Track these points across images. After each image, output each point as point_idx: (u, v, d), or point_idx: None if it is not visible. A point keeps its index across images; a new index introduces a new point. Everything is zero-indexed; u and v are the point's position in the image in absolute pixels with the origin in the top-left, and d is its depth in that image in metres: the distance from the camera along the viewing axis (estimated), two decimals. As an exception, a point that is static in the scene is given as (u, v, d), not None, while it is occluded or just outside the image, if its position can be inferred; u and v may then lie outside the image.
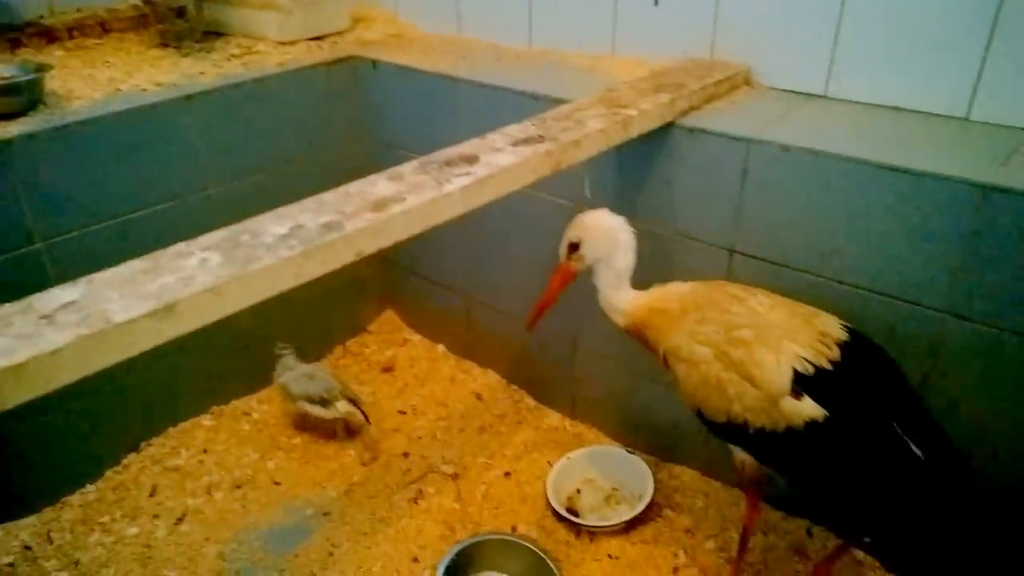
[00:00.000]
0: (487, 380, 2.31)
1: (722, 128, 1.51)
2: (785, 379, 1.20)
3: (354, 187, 1.14)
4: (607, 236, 1.43)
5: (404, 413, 2.19)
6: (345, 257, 1.02)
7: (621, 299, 1.45)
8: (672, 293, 1.41)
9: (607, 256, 1.43)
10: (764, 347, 1.23)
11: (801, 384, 1.20)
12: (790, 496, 1.73)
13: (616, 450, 1.99)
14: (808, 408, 1.18)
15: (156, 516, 1.86)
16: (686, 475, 1.92)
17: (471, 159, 1.20)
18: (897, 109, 1.55)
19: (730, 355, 1.25)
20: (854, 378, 1.21)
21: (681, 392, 1.36)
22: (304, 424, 2.12)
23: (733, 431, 1.28)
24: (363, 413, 2.04)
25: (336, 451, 2.06)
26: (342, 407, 2.00)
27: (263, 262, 0.97)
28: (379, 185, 1.14)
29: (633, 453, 1.94)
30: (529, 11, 2.09)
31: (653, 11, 1.83)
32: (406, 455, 2.03)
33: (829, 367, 1.20)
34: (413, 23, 2.39)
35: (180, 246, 1.00)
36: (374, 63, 2.12)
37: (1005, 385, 1.32)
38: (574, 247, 1.45)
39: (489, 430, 2.12)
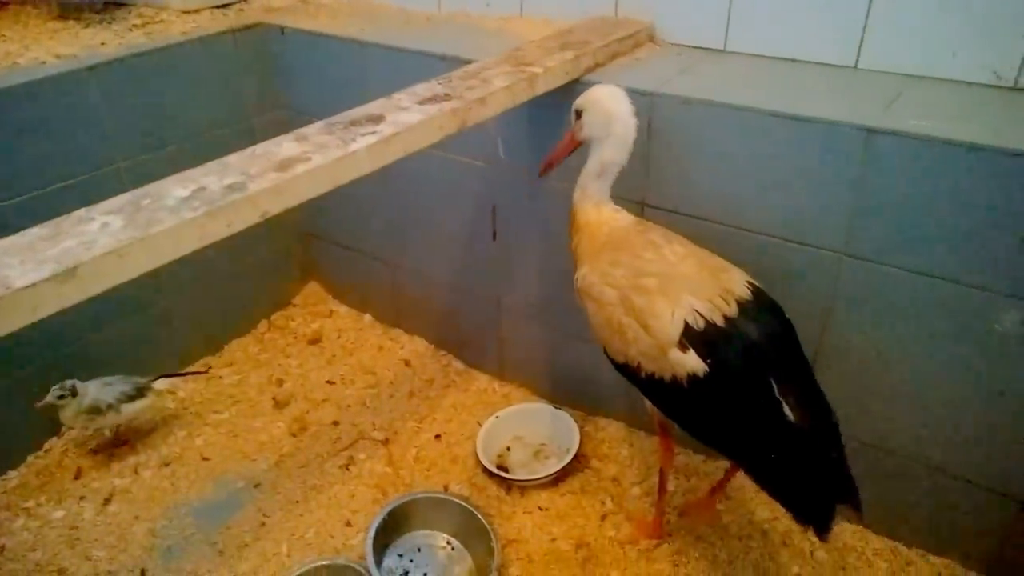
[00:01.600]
0: (415, 347, 2.33)
1: (626, 83, 1.54)
2: (675, 331, 1.24)
3: (260, 148, 1.14)
4: (604, 117, 1.39)
5: (332, 383, 2.19)
6: (250, 217, 1.02)
7: (593, 191, 1.44)
8: (614, 220, 1.43)
9: (600, 138, 1.40)
10: (663, 298, 1.27)
11: (691, 337, 1.23)
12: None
13: (544, 407, 2.04)
14: (691, 361, 1.23)
15: (82, 498, 1.82)
16: (611, 427, 1.99)
17: (377, 118, 1.21)
18: (791, 60, 1.62)
19: (632, 301, 1.29)
20: (742, 336, 1.24)
21: (591, 328, 1.41)
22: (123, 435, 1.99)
23: (630, 373, 1.34)
24: (190, 374, 2.04)
25: (265, 424, 2.05)
26: (161, 384, 1.97)
27: (165, 224, 0.96)
28: (284, 146, 1.14)
29: (560, 409, 2.00)
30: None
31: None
32: (336, 424, 2.04)
33: (722, 323, 1.24)
34: (321, -12, 2.36)
35: (81, 212, 0.99)
36: (282, 29, 2.08)
37: (896, 319, 1.42)
38: (578, 114, 1.43)
39: (418, 395, 2.14)
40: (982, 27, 1.38)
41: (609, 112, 1.38)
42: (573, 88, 1.58)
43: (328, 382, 2.20)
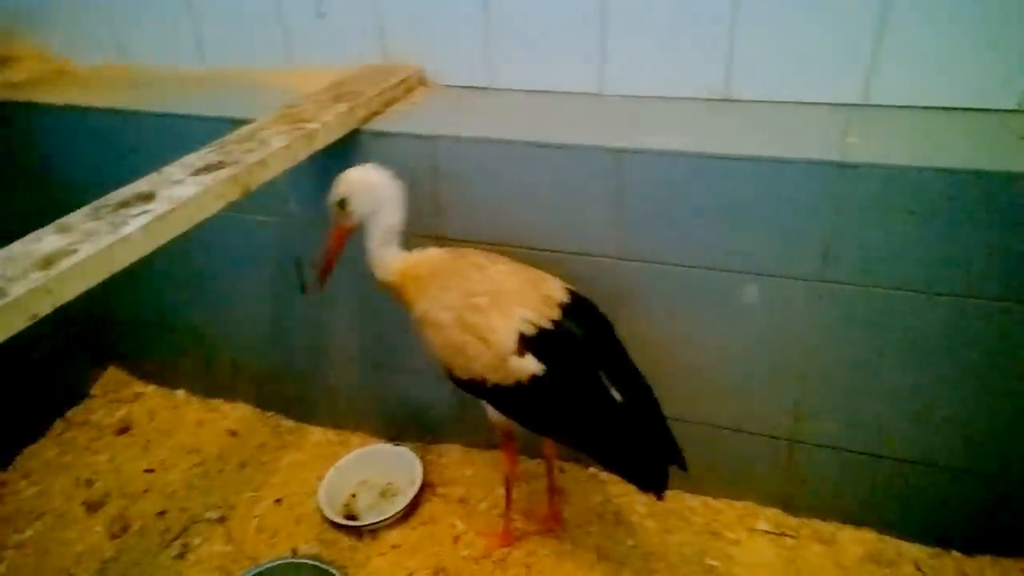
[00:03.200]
0: (239, 414, 2.23)
1: (406, 129, 1.62)
2: (512, 340, 1.36)
3: (16, 248, 1.06)
4: (373, 192, 1.45)
5: (152, 471, 2.05)
6: (17, 323, 0.95)
7: (388, 257, 1.50)
8: (425, 259, 1.50)
9: (375, 212, 1.46)
10: (497, 312, 1.39)
11: (526, 343, 1.36)
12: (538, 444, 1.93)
13: (383, 447, 2.05)
14: (530, 364, 1.36)
15: None
16: (452, 452, 2.05)
17: (147, 196, 1.17)
18: (550, 92, 1.78)
19: (468, 320, 1.39)
20: (569, 335, 1.39)
21: (433, 354, 1.48)
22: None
23: (476, 387, 1.43)
24: None
25: (80, 532, 1.87)
26: None
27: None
28: (46, 240, 1.07)
29: (400, 445, 2.02)
30: (197, 30, 2.03)
31: (322, 22, 1.88)
32: (162, 514, 1.91)
33: (551, 326, 1.38)
34: (69, 58, 2.20)
35: None
36: (29, 106, 1.92)
37: (672, 307, 1.62)
38: (342, 204, 1.47)
39: (251, 463, 2.06)
40: (694, 50, 1.61)
41: (374, 186, 1.46)
42: (355, 136, 1.63)
43: (147, 471, 2.05)
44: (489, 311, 1.39)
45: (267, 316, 2.05)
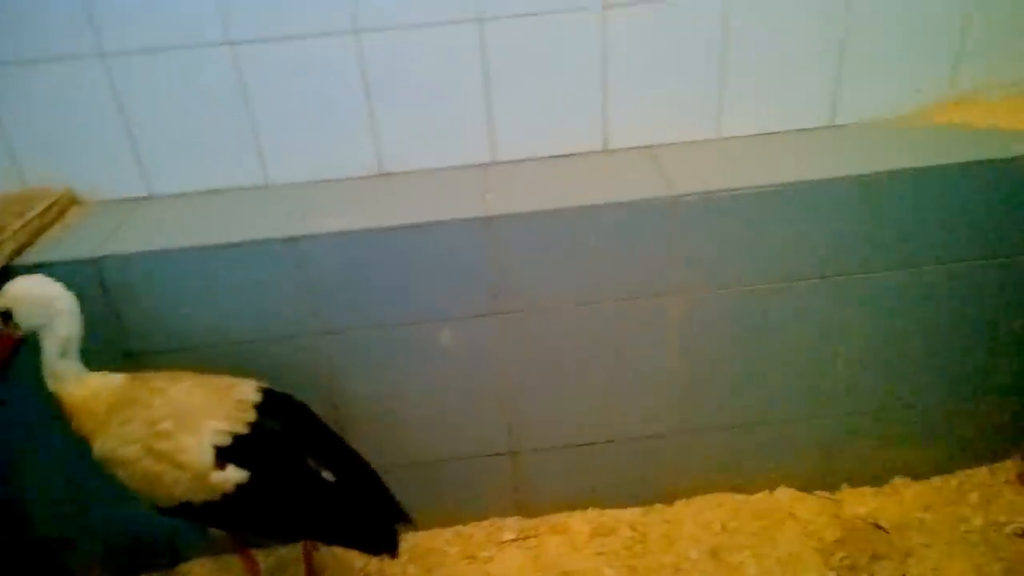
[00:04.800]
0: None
1: (64, 256, 1.56)
2: (208, 456, 1.36)
3: None
4: (40, 305, 1.37)
5: None
6: None
7: (65, 372, 1.41)
8: (104, 389, 1.42)
9: (45, 324, 1.37)
10: (185, 433, 1.37)
11: (225, 454, 1.36)
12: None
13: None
14: (232, 474, 1.36)
15: None
16: (196, 568, 1.95)
17: None
18: (215, 191, 1.80)
19: (157, 448, 1.36)
20: (269, 433, 1.42)
21: (131, 490, 1.41)
22: None
23: (185, 511, 1.40)
24: None
25: None
26: None
27: None
28: None
29: (138, 581, 1.89)
30: None
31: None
32: None
33: (247, 431, 1.39)
34: None
35: None
36: None
37: (382, 369, 1.74)
38: (5, 317, 1.36)
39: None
40: (345, 133, 1.76)
41: (42, 299, 1.39)
42: (6, 275, 1.51)
43: None
44: (178, 433, 1.37)
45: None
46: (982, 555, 1.74)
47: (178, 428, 1.37)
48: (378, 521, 1.51)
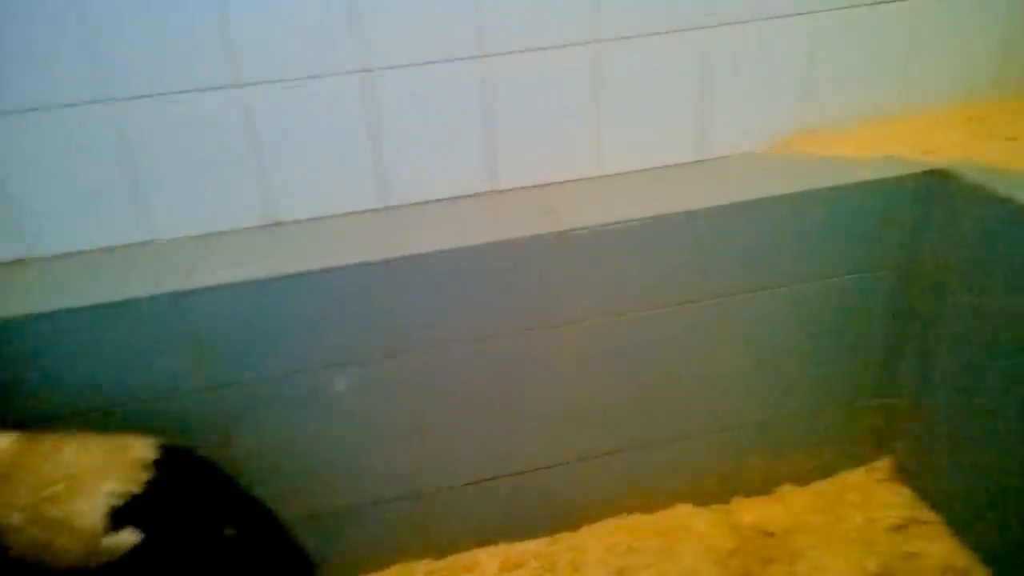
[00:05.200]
0: None
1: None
2: (101, 520, 1.31)
3: None
4: None
5: None
6: None
7: None
8: None
9: None
10: (78, 497, 1.31)
11: (119, 516, 1.32)
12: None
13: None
14: (126, 537, 1.32)
15: None
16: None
17: None
18: (98, 250, 1.75)
19: (47, 515, 1.30)
20: (166, 491, 1.39)
21: (23, 559, 1.33)
22: None
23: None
24: None
25: None
26: None
27: None
28: None
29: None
30: None
31: None
32: None
33: (142, 490, 1.35)
34: None
35: None
36: None
37: (280, 417, 1.73)
38: None
39: None
40: (232, 183, 1.76)
41: None
42: None
43: None
44: (69, 498, 1.33)
45: None
46: (861, 550, 1.88)
47: (69, 492, 1.32)
48: (283, 574, 1.49)
